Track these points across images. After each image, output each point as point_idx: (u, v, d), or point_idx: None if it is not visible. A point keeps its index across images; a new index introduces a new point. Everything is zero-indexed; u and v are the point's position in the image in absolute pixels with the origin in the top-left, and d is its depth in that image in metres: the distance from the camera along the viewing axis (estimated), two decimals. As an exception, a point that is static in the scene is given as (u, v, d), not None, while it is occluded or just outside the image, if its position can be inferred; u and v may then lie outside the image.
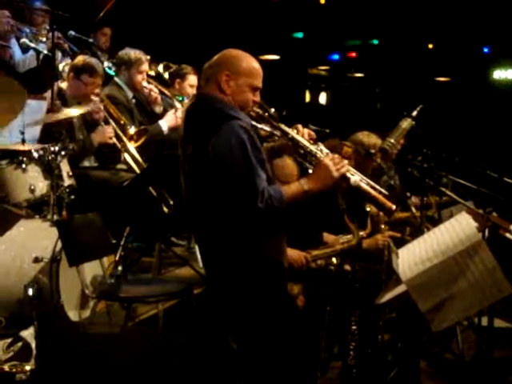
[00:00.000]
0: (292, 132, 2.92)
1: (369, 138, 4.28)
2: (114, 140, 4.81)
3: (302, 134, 2.93)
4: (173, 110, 5.23)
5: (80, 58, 4.97)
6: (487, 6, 10.41)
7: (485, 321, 3.05)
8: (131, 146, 4.83)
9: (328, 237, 3.89)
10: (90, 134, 4.80)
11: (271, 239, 2.80)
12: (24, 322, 3.44)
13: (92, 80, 4.80)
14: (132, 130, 4.85)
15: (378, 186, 2.88)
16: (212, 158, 2.66)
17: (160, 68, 6.06)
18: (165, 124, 5.17)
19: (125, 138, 4.82)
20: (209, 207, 2.75)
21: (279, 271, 2.84)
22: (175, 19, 8.10)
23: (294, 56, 11.74)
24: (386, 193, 2.88)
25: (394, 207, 2.84)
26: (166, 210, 4.73)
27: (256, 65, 2.85)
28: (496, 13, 10.43)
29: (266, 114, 2.92)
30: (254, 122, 2.87)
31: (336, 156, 2.82)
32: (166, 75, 6.01)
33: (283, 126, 2.92)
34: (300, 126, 2.97)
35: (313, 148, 2.87)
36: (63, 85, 4.90)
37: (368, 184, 2.85)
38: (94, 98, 4.81)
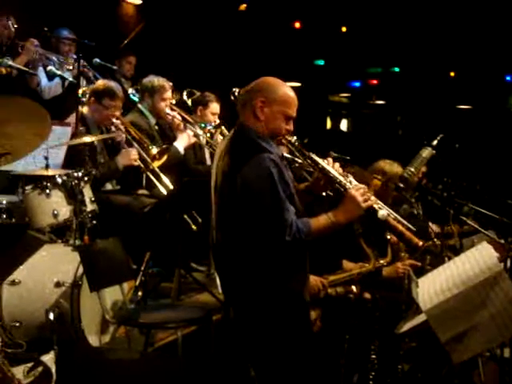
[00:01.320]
0: (322, 162, 2.90)
1: (391, 167, 4.26)
2: (139, 162, 4.84)
3: (332, 166, 2.91)
4: (185, 131, 5.29)
5: (100, 83, 5.04)
6: (510, 35, 10.39)
7: (507, 352, 3.01)
8: (155, 166, 4.86)
9: (347, 264, 3.87)
10: (115, 157, 4.83)
11: (296, 273, 2.80)
12: (44, 346, 3.46)
13: (113, 103, 4.87)
14: (154, 150, 4.87)
15: (405, 221, 2.86)
16: (240, 190, 2.67)
17: (184, 94, 6.14)
18: (180, 145, 5.22)
19: (148, 159, 4.85)
20: (236, 238, 2.76)
21: (301, 304, 2.83)
22: (198, 47, 8.21)
23: (315, 83, 11.80)
24: (413, 228, 2.85)
25: (420, 243, 2.80)
26: (194, 227, 4.82)
27: (292, 94, 2.86)
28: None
29: (297, 142, 2.90)
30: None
31: (363, 187, 2.81)
32: (190, 102, 6.08)
33: (314, 156, 2.91)
34: (331, 159, 2.95)
35: (342, 179, 2.86)
36: (84, 109, 4.97)
37: (395, 219, 2.83)
38: (114, 120, 4.88)
